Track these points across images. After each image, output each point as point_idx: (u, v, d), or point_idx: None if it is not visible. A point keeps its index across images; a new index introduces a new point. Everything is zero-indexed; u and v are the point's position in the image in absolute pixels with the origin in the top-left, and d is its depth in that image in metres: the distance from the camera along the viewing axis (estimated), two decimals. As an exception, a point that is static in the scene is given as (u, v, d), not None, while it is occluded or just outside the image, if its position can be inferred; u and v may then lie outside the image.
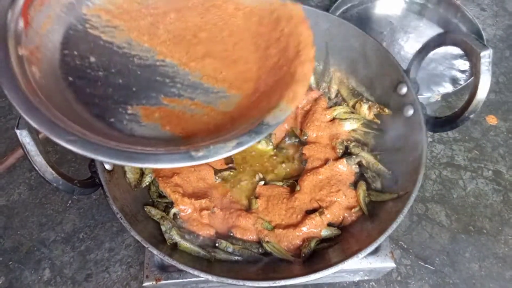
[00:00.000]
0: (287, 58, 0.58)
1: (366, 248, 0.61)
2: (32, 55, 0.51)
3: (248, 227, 0.72)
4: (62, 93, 0.52)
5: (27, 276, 0.87)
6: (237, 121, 0.53)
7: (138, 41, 0.60)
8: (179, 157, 0.45)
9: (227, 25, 0.64)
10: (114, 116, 0.52)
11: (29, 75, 0.48)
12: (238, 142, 0.46)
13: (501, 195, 1.00)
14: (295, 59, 0.56)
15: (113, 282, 0.86)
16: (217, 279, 0.59)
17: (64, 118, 0.46)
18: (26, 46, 0.50)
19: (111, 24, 0.60)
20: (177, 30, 0.62)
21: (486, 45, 0.60)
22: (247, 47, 0.62)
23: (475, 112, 0.64)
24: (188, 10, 0.64)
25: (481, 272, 0.89)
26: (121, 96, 0.54)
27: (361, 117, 0.84)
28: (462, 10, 1.22)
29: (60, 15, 0.57)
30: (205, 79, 0.58)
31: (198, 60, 0.60)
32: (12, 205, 0.96)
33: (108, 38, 0.59)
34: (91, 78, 0.55)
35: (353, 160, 0.79)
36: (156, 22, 0.62)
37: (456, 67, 1.15)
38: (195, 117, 0.54)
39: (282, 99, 0.51)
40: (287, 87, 0.53)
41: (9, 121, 1.10)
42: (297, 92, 0.52)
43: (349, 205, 0.75)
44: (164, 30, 0.62)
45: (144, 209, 0.73)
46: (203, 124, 0.54)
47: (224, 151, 0.46)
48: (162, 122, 0.53)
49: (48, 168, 0.55)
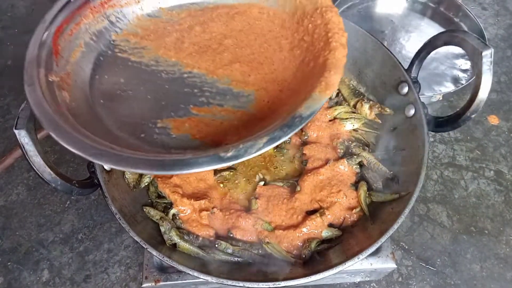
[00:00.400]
0: (314, 54, 0.58)
1: (367, 249, 0.61)
2: (63, 81, 0.53)
3: (248, 228, 0.71)
4: (94, 114, 0.54)
5: (26, 277, 0.86)
6: (268, 121, 0.53)
7: (165, 57, 0.62)
8: (208, 160, 0.44)
9: (252, 28, 0.65)
10: (145, 131, 0.53)
11: (59, 99, 0.50)
12: (270, 138, 0.45)
13: (502, 196, 0.99)
14: (324, 48, 0.56)
15: (112, 283, 0.86)
16: (217, 280, 0.59)
17: (95, 136, 0.47)
18: (56, 74, 0.53)
19: (139, 45, 0.63)
20: (202, 41, 0.64)
21: (487, 45, 0.60)
22: (272, 48, 0.64)
23: (477, 112, 0.64)
24: (212, 21, 0.66)
25: (482, 273, 0.89)
26: (151, 111, 0.56)
27: (362, 117, 0.84)
28: (463, 9, 1.22)
29: (90, 43, 0.60)
30: (234, 84, 0.59)
31: (225, 66, 0.61)
32: (10, 206, 0.96)
33: (137, 58, 0.62)
34: (121, 98, 0.57)
35: (354, 160, 0.78)
36: (181, 37, 0.64)
37: (458, 67, 1.15)
38: (225, 124, 0.55)
39: (314, 90, 0.50)
40: (318, 78, 0.52)
41: (7, 121, 1.10)
42: (330, 79, 0.51)
43: (350, 206, 0.74)
44: (190, 43, 0.64)
45: (143, 210, 0.72)
46: (233, 129, 0.54)
47: (255, 149, 0.44)
48: (192, 132, 0.54)
49: (47, 168, 0.55)
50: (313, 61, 0.57)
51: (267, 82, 0.60)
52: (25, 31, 1.32)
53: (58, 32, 0.55)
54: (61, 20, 0.56)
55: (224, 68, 0.61)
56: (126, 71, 0.60)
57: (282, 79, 0.60)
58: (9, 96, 1.15)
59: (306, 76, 0.57)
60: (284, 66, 0.61)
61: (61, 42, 0.56)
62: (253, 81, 0.60)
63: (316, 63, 0.56)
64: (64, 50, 0.56)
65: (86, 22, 0.59)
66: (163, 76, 0.60)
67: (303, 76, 0.58)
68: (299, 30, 0.63)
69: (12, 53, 1.26)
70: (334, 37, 0.56)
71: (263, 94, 0.58)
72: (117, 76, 0.59)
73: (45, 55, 0.53)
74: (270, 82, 0.60)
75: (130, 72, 0.60)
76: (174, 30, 0.65)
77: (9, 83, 1.18)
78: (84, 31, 0.59)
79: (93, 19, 0.60)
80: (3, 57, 1.24)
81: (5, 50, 1.26)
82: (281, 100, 0.57)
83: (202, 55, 0.62)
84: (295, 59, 0.61)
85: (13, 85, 1.17)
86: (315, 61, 0.57)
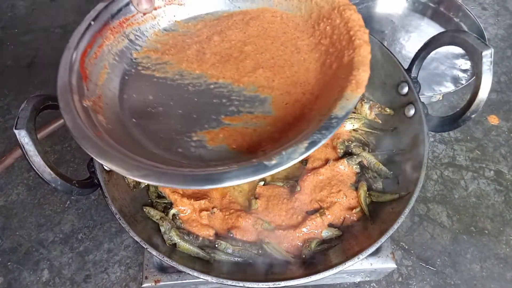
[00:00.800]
0: (336, 55, 0.58)
1: (367, 249, 0.61)
2: (96, 105, 0.54)
3: (248, 228, 0.71)
4: (129, 134, 0.55)
5: (26, 277, 0.86)
6: (300, 124, 0.54)
7: (188, 70, 0.63)
8: (254, 170, 0.45)
9: (267, 32, 0.66)
10: (181, 146, 0.54)
11: (96, 123, 0.51)
12: (310, 141, 0.45)
13: (502, 196, 0.99)
14: (348, 47, 0.56)
15: (112, 283, 0.86)
16: (217, 280, 0.59)
17: (136, 156, 0.48)
18: (89, 98, 0.54)
19: (161, 61, 0.63)
20: (223, 51, 0.65)
21: (487, 45, 0.60)
22: (289, 50, 0.64)
23: (477, 112, 0.64)
24: (229, 29, 0.67)
25: (482, 273, 0.89)
26: (184, 125, 0.56)
27: (362, 117, 0.84)
28: (463, 9, 1.22)
29: (114, 63, 0.61)
30: (260, 90, 0.60)
31: (249, 73, 0.62)
32: (10, 206, 0.96)
33: (161, 74, 0.62)
34: (152, 115, 0.58)
35: (354, 160, 0.78)
36: (201, 48, 0.65)
37: (458, 67, 1.15)
38: (258, 131, 0.55)
39: (345, 89, 0.50)
40: (346, 77, 0.52)
41: (7, 121, 1.10)
42: (360, 77, 0.51)
43: (350, 206, 0.74)
44: (211, 53, 0.64)
45: (143, 210, 0.72)
46: (267, 135, 0.54)
47: (297, 154, 0.45)
48: (228, 142, 0.54)
49: (47, 168, 0.55)
50: (336, 62, 0.58)
51: (289, 85, 0.60)
52: (25, 31, 1.32)
53: (84, 56, 0.56)
54: (85, 44, 0.57)
55: (248, 75, 0.61)
56: (153, 87, 0.60)
57: (304, 81, 0.60)
58: (9, 96, 1.15)
59: (331, 77, 0.57)
60: (305, 67, 0.61)
61: (88, 66, 0.56)
62: (277, 85, 0.60)
63: (341, 64, 0.56)
64: (91, 74, 0.57)
65: (108, 43, 0.60)
66: (190, 89, 0.60)
67: (327, 79, 0.58)
68: (315, 34, 0.63)
69: (12, 53, 1.26)
70: (357, 34, 0.56)
71: (286, 98, 0.58)
72: (144, 93, 0.60)
73: (76, 81, 0.53)
74: (292, 85, 0.60)
75: (157, 88, 0.60)
76: (193, 42, 0.65)
77: (9, 83, 1.18)
78: (107, 53, 0.60)
79: (114, 40, 0.61)
80: (3, 57, 1.24)
81: (5, 50, 1.26)
82: (306, 102, 0.57)
83: (225, 64, 0.63)
84: (315, 61, 0.61)
85: (13, 85, 1.17)
86: (338, 62, 0.57)
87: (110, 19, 0.60)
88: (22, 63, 1.23)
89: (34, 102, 0.54)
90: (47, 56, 1.25)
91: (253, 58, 0.63)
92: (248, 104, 0.58)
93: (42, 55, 1.25)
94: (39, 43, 1.27)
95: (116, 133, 0.52)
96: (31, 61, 1.23)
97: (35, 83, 1.18)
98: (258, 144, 0.53)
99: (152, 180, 0.45)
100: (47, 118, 0.80)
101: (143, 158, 0.47)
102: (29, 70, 1.22)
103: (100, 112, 0.54)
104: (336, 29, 0.60)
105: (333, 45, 0.60)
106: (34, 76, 1.20)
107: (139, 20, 0.64)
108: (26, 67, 1.22)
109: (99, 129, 0.51)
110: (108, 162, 0.46)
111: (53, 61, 1.28)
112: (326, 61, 0.60)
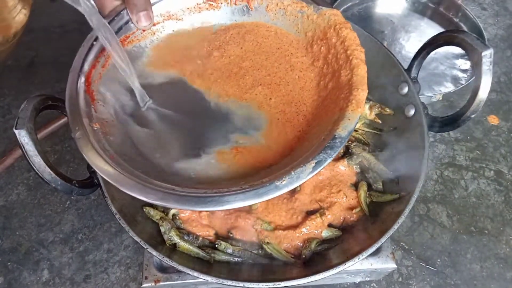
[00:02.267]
0: (331, 74, 0.59)
1: (367, 249, 0.61)
2: (104, 127, 0.54)
3: (247, 228, 0.71)
4: (140, 156, 0.55)
5: (26, 277, 0.86)
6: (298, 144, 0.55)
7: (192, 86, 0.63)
8: (266, 190, 0.46)
9: (261, 47, 0.66)
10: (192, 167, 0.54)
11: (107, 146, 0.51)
12: (317, 161, 0.47)
13: (502, 195, 0.99)
14: (345, 66, 0.57)
15: (112, 283, 0.86)
16: (217, 281, 0.59)
17: (149, 178, 0.48)
18: (98, 120, 0.54)
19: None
20: (223, 67, 0.65)
21: (487, 45, 0.60)
22: (283, 67, 0.64)
23: (477, 112, 0.64)
24: (227, 44, 0.67)
25: (482, 272, 0.89)
26: (194, 146, 0.56)
27: (362, 117, 0.84)
28: (463, 10, 1.22)
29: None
30: (261, 108, 0.60)
31: (250, 90, 0.62)
32: (10, 206, 0.96)
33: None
34: (160, 136, 0.57)
35: (354, 160, 0.78)
36: (202, 64, 0.65)
37: (458, 67, 1.15)
38: (265, 147, 0.56)
39: (346, 109, 0.52)
40: (346, 97, 0.53)
41: (7, 121, 1.10)
42: (359, 97, 0.52)
43: (350, 206, 0.74)
44: (212, 69, 0.64)
45: (143, 210, 0.72)
46: (273, 152, 0.55)
47: (305, 174, 0.47)
48: (238, 161, 0.54)
49: (47, 168, 0.55)
50: (332, 81, 0.58)
51: (284, 104, 0.60)
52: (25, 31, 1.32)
53: (89, 77, 0.56)
54: (89, 65, 0.57)
55: (249, 92, 0.62)
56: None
57: (299, 101, 0.60)
58: (9, 96, 1.15)
59: (326, 97, 0.58)
60: (300, 86, 0.62)
61: (94, 87, 0.56)
62: (274, 104, 0.60)
63: (338, 83, 0.57)
64: (97, 94, 0.57)
65: (110, 63, 0.60)
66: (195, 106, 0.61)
67: (323, 98, 0.58)
68: (309, 56, 0.64)
69: (12, 53, 1.25)
70: (354, 54, 0.56)
71: (280, 117, 0.59)
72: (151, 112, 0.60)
73: (83, 104, 0.53)
74: (287, 104, 0.60)
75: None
76: (192, 57, 0.66)
77: (9, 83, 1.18)
78: (112, 71, 0.60)
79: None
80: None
81: (5, 50, 1.26)
82: (300, 122, 0.58)
83: (227, 80, 0.63)
84: (310, 80, 0.62)
85: (13, 85, 1.17)
86: (335, 81, 0.58)
87: None
88: (22, 63, 1.23)
89: (34, 102, 0.54)
90: (47, 56, 1.25)
91: (251, 74, 0.64)
92: (253, 121, 0.59)
93: (42, 55, 1.25)
94: (39, 43, 1.27)
95: (128, 156, 0.52)
96: (31, 61, 1.23)
97: (35, 83, 1.18)
98: (267, 162, 0.54)
99: (170, 203, 0.46)
100: (47, 118, 0.80)
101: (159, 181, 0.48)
102: (29, 70, 1.22)
103: (109, 134, 0.54)
104: (332, 48, 0.60)
105: (328, 65, 0.60)
106: (34, 76, 1.20)
107: (139, 37, 0.64)
108: (26, 67, 1.22)
109: (111, 152, 0.51)
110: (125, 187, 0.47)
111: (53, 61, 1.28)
112: (320, 82, 0.61)
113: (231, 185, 0.48)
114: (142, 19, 0.60)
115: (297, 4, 0.63)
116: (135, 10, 0.59)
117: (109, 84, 0.59)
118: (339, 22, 0.60)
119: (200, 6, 0.66)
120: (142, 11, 0.59)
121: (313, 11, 0.62)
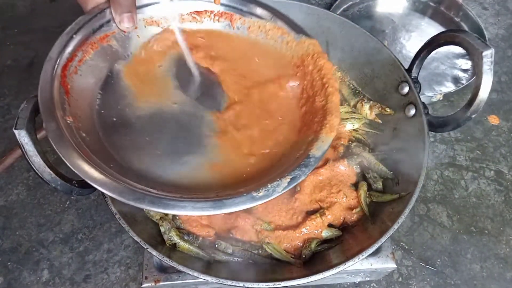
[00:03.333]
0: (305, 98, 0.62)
1: (367, 249, 0.61)
2: (77, 121, 0.53)
3: (247, 228, 0.71)
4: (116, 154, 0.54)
5: (26, 277, 0.86)
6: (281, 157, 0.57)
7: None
8: (243, 200, 0.48)
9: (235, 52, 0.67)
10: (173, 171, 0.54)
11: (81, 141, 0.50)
12: (292, 177, 0.50)
13: (502, 196, 0.99)
14: (320, 93, 0.60)
15: (112, 283, 0.86)
16: (217, 281, 0.59)
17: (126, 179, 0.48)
18: (71, 114, 0.52)
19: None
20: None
21: (488, 45, 0.60)
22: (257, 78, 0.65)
23: (477, 112, 0.64)
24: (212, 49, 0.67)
25: (482, 273, 0.89)
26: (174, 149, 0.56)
27: (363, 117, 0.84)
28: (464, 9, 1.22)
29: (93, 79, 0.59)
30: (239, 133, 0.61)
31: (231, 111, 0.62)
32: (10, 206, 0.96)
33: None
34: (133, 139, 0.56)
35: (354, 160, 0.78)
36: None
37: (458, 66, 1.15)
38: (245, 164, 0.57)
39: (320, 132, 0.55)
40: (320, 121, 0.57)
41: (7, 121, 1.10)
42: (333, 122, 0.56)
43: (350, 206, 0.74)
44: None
45: (143, 210, 0.72)
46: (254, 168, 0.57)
47: (281, 188, 0.49)
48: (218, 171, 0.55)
49: (46, 168, 0.54)
50: (306, 106, 0.61)
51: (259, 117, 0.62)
52: (25, 31, 1.32)
53: (65, 70, 0.55)
54: (66, 57, 0.56)
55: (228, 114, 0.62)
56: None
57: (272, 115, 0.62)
58: (9, 96, 1.15)
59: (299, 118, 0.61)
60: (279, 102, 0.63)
61: (69, 81, 0.55)
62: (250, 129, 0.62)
63: (312, 108, 0.60)
64: (72, 89, 0.56)
65: (88, 58, 0.59)
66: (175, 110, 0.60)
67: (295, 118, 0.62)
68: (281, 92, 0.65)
69: (12, 53, 1.25)
70: (329, 82, 0.60)
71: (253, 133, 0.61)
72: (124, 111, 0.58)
73: (58, 96, 0.53)
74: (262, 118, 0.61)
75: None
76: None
77: (9, 83, 1.18)
78: (87, 67, 0.59)
79: (94, 54, 0.60)
80: (3, 57, 1.24)
81: (5, 50, 1.26)
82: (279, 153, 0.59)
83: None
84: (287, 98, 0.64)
85: (13, 85, 1.17)
86: (309, 106, 0.61)
87: (91, 34, 0.58)
88: (22, 63, 1.23)
89: (34, 102, 0.54)
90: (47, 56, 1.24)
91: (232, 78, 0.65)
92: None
93: (42, 55, 1.25)
94: (39, 43, 1.27)
95: (103, 155, 0.52)
96: (31, 61, 1.23)
97: (35, 83, 1.17)
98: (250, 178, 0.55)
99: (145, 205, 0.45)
100: (47, 118, 0.80)
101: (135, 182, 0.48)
102: (29, 70, 1.21)
103: (82, 129, 0.52)
104: (308, 75, 0.63)
105: (303, 90, 0.63)
106: (34, 76, 1.20)
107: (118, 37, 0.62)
108: (26, 67, 1.22)
109: (85, 148, 0.50)
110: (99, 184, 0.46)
111: (53, 61, 1.24)
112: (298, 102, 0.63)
113: (208, 192, 0.49)
114: (125, 20, 0.58)
115: (278, 30, 0.66)
116: (120, 10, 0.57)
117: (84, 79, 0.58)
118: (317, 52, 0.63)
119: (183, 17, 0.65)
120: (126, 13, 0.58)
121: (293, 38, 0.65)
